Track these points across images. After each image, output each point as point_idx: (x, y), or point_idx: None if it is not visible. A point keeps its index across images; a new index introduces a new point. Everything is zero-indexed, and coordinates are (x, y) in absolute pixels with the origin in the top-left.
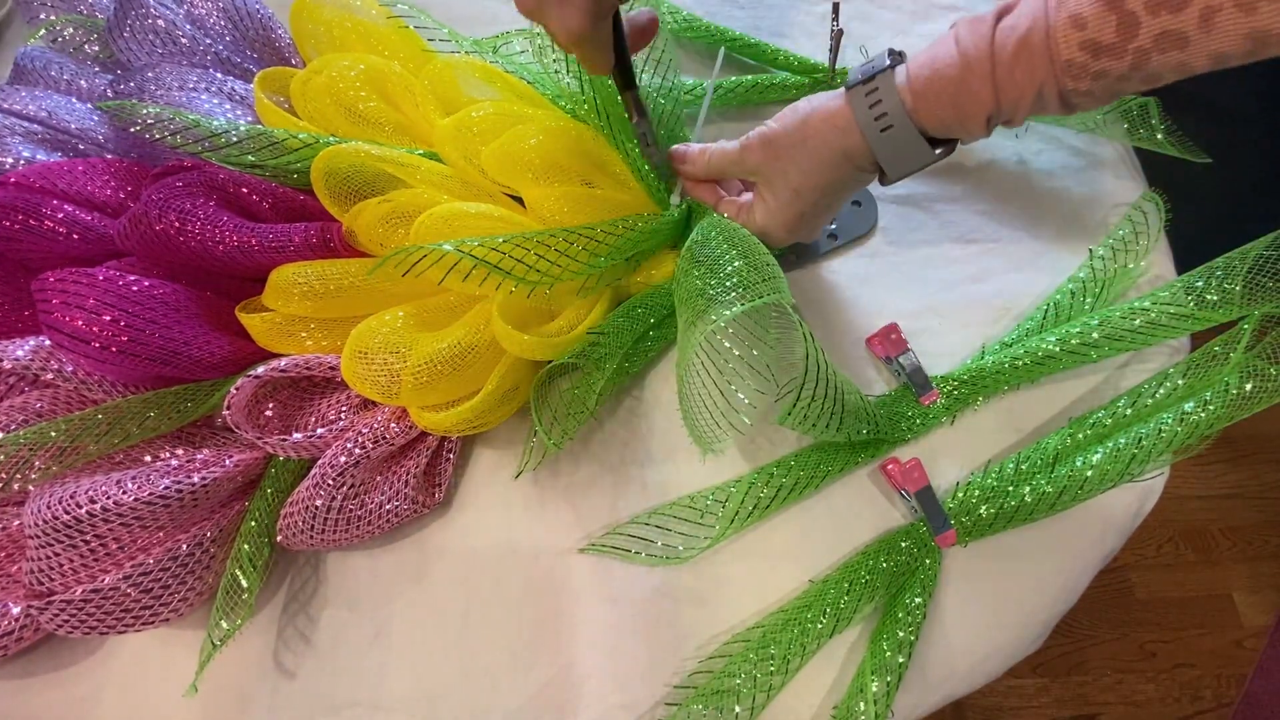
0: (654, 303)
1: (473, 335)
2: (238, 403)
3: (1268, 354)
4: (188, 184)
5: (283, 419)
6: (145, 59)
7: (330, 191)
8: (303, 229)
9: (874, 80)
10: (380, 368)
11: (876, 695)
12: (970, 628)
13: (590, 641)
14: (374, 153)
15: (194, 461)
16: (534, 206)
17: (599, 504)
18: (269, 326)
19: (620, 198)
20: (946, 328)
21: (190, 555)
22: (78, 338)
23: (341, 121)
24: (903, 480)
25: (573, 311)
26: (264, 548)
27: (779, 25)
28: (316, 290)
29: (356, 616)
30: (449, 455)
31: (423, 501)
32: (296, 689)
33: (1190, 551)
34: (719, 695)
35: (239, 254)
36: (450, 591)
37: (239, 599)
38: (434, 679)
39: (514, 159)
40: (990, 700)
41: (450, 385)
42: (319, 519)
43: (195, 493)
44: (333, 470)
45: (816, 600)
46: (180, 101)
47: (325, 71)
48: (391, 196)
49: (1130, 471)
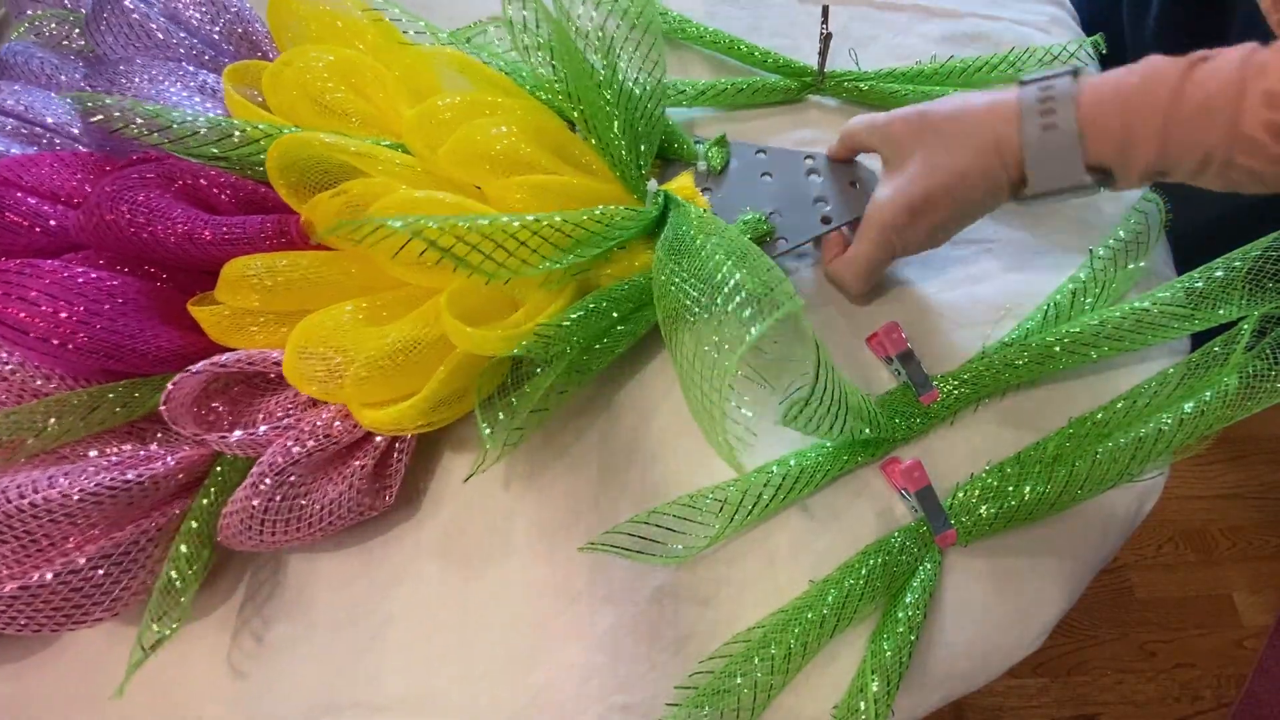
0: (618, 296)
1: (420, 329)
2: (175, 398)
3: (1267, 355)
4: (142, 176)
5: (232, 415)
6: (120, 52)
7: (288, 183)
8: (258, 221)
9: (1051, 79)
10: (321, 363)
11: (877, 695)
12: (970, 628)
13: (591, 641)
14: (329, 141)
15: (135, 457)
16: (495, 200)
17: (598, 502)
18: (219, 320)
19: (593, 188)
20: (946, 328)
21: (125, 554)
22: (17, 328)
23: (311, 113)
24: (903, 480)
25: (532, 305)
26: (203, 549)
27: (779, 25)
28: (265, 284)
29: (355, 617)
30: (400, 455)
31: (370, 504)
32: (296, 689)
33: (1190, 551)
34: (719, 695)
35: (191, 246)
36: (449, 592)
37: (174, 602)
38: (433, 680)
39: (473, 152)
40: (990, 700)
41: (396, 381)
42: (256, 520)
43: (131, 490)
44: (271, 470)
45: (816, 600)
46: (149, 94)
47: (294, 63)
48: (347, 187)
49: (1130, 471)
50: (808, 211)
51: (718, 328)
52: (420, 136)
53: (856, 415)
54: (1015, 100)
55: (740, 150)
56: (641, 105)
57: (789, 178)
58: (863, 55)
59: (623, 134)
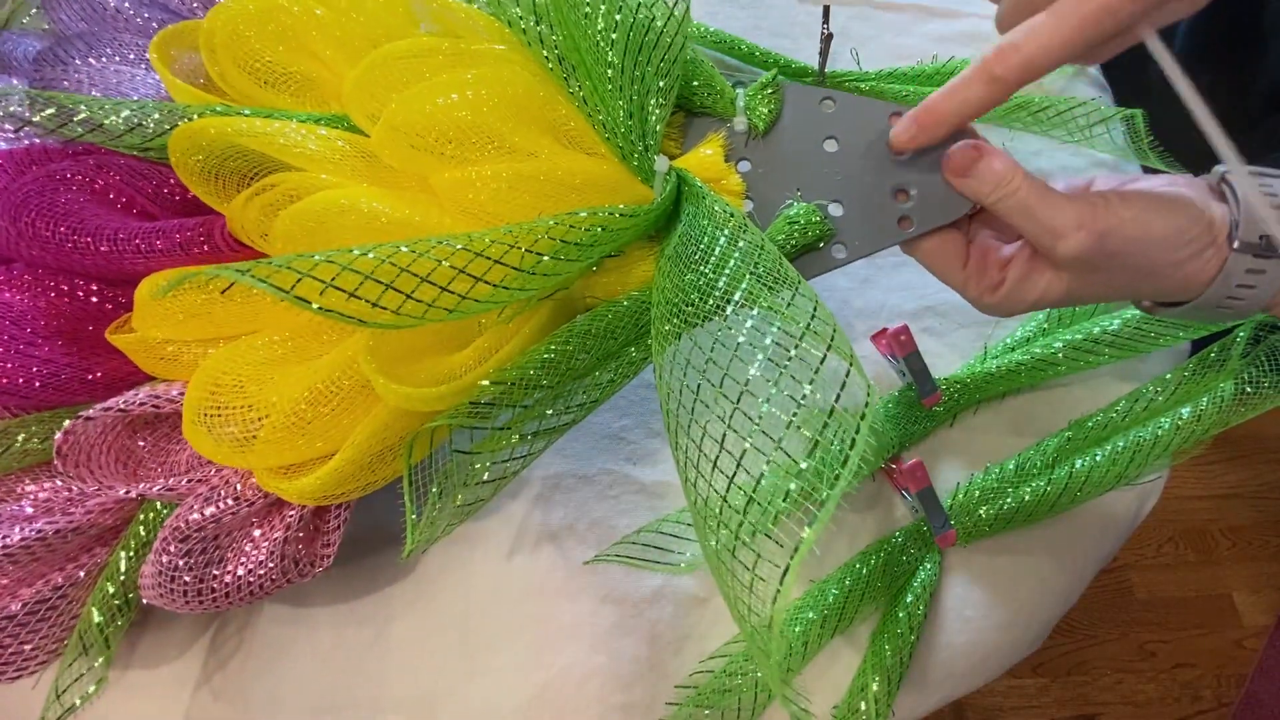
0: (599, 331)
1: (340, 373)
2: (71, 447)
3: (1262, 361)
4: (53, 176)
5: (156, 455)
6: (74, 27)
7: (206, 177)
8: (176, 226)
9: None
10: (225, 417)
11: (877, 695)
12: (970, 628)
13: (590, 642)
14: (238, 126)
15: (54, 501)
16: (446, 198)
17: (599, 503)
18: (139, 349)
19: (581, 172)
20: (946, 328)
21: (31, 613)
22: None
23: (243, 81)
24: (904, 480)
25: (490, 336)
26: (119, 613)
27: (779, 25)
28: (171, 308)
29: (356, 617)
30: (340, 511)
31: (298, 570)
32: (296, 689)
33: (1190, 551)
34: (719, 695)
35: (101, 259)
36: (450, 592)
37: (87, 667)
38: (434, 680)
39: (412, 132)
40: (990, 700)
41: (312, 440)
42: (166, 588)
43: (33, 548)
44: (174, 536)
45: (817, 600)
46: (97, 73)
47: (222, 17)
48: (271, 182)
49: (1128, 474)
50: (882, 205)
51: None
52: (361, 105)
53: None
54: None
55: (798, 98)
56: (651, 40)
57: (863, 148)
58: (863, 55)
59: (619, 87)
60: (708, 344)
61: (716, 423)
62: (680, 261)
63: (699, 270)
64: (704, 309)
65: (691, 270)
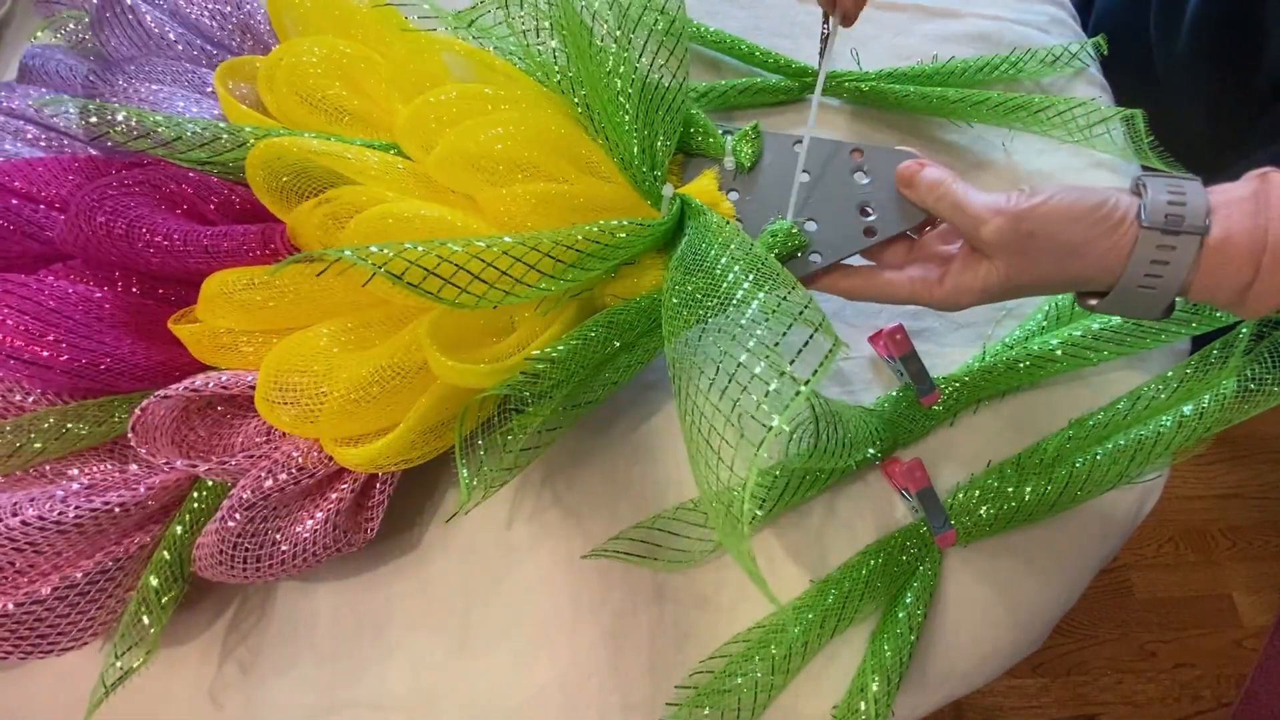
0: (620, 322)
1: (400, 356)
2: (145, 424)
3: (1264, 359)
4: (122, 182)
5: (212, 439)
6: (125, 52)
7: (272, 190)
8: (241, 231)
9: (1176, 237)
10: (295, 394)
11: (877, 695)
12: (970, 628)
13: (590, 641)
14: (313, 146)
15: (109, 481)
16: (489, 212)
17: (599, 503)
18: (200, 339)
19: (600, 195)
20: (946, 328)
21: (93, 583)
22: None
23: (303, 112)
24: (904, 480)
25: (526, 329)
26: (174, 582)
27: (780, 25)
28: (242, 301)
29: (356, 616)
30: (384, 487)
31: (349, 539)
32: (296, 689)
33: (1190, 551)
34: (719, 695)
35: (170, 258)
36: (450, 592)
37: (140, 635)
38: (434, 679)
39: (464, 158)
40: (990, 700)
41: (373, 415)
42: (226, 555)
43: (100, 518)
44: (240, 504)
45: (817, 600)
46: (150, 96)
47: (286, 58)
48: (332, 195)
49: (1129, 473)
50: (850, 220)
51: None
52: (413, 137)
53: (861, 445)
54: (1126, 247)
55: (775, 143)
56: (659, 96)
57: (831, 176)
58: (863, 55)
59: (634, 129)
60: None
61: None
62: (688, 263)
63: (705, 266)
64: (713, 294)
65: (698, 269)
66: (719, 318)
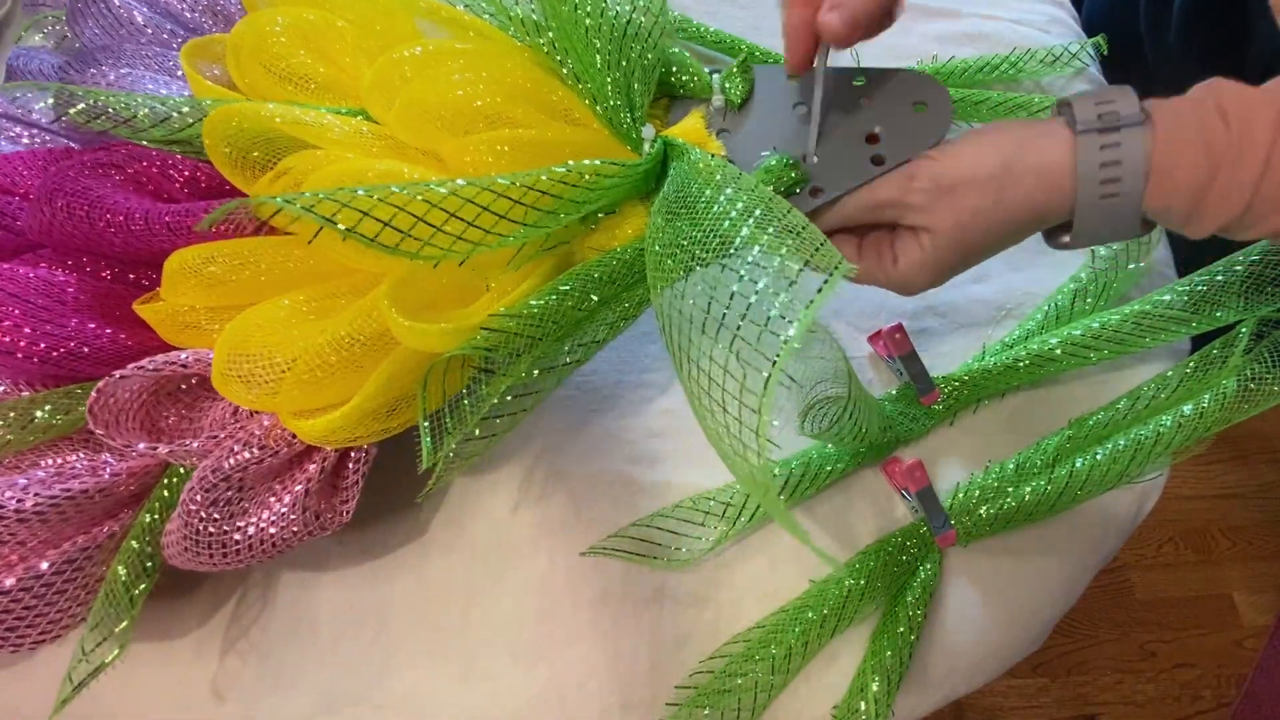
0: (598, 276)
1: (359, 323)
2: (102, 407)
3: (1265, 358)
4: (86, 165)
5: (181, 424)
6: (99, 40)
7: (232, 163)
8: (204, 208)
9: (1118, 133)
10: (252, 366)
11: (877, 695)
12: (970, 628)
13: (590, 641)
14: (267, 110)
15: (76, 468)
16: (453, 162)
17: (600, 502)
18: (164, 318)
19: (573, 140)
20: (946, 328)
21: (59, 573)
22: None
23: (269, 84)
24: (904, 480)
25: (497, 289)
26: (142, 573)
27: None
28: (202, 277)
29: (356, 616)
30: (357, 467)
31: (320, 523)
32: (296, 689)
33: (1190, 551)
34: (719, 695)
35: (131, 238)
36: (450, 591)
37: (108, 630)
38: (434, 679)
39: (426, 110)
40: (990, 700)
41: (335, 387)
42: (190, 541)
43: (62, 507)
44: (200, 486)
45: (817, 600)
46: (119, 81)
47: (250, 29)
48: (289, 163)
49: (1129, 473)
50: (855, 150)
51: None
52: (379, 97)
53: (877, 421)
54: (1070, 160)
55: (767, 78)
56: (632, 33)
57: (831, 106)
58: (863, 55)
59: (606, 68)
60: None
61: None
62: (673, 206)
63: (693, 208)
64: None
65: (685, 212)
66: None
